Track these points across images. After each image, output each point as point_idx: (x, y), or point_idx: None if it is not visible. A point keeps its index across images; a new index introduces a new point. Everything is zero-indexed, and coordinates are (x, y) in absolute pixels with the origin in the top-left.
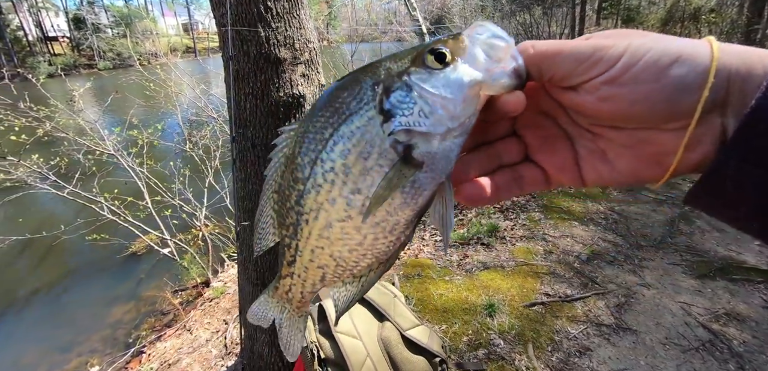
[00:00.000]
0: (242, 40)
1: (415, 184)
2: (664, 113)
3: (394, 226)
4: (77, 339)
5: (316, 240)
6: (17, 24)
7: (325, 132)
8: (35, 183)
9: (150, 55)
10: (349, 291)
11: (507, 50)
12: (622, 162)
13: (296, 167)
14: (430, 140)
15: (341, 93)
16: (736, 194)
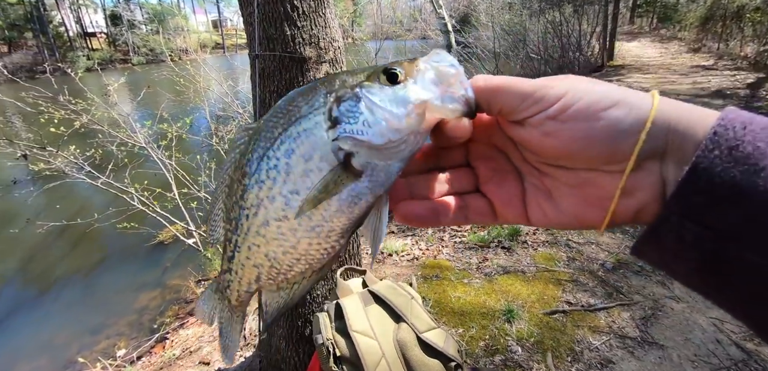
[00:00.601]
0: (268, 38)
1: (352, 192)
2: (603, 153)
3: (329, 233)
4: (106, 322)
5: (253, 237)
6: (59, 20)
7: (275, 131)
8: (72, 173)
9: (181, 51)
10: (281, 297)
11: (456, 78)
12: (566, 202)
13: (246, 162)
14: (371, 150)
15: (297, 97)
16: (678, 249)
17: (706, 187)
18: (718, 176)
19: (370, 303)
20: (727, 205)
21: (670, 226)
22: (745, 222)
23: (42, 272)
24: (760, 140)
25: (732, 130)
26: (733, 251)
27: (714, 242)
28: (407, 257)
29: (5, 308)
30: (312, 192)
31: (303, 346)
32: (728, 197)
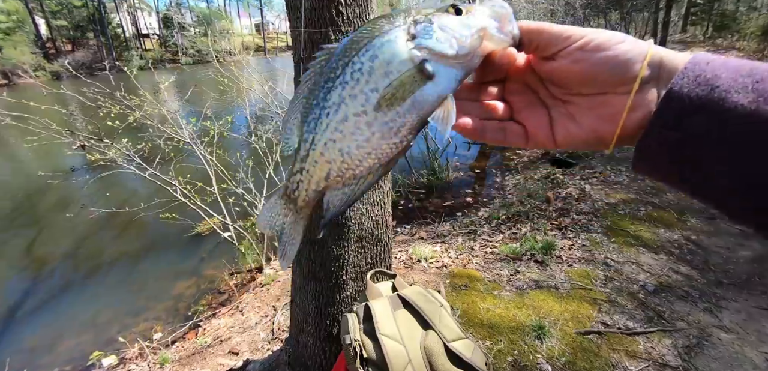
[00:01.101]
0: (313, 42)
1: (423, 92)
2: (616, 76)
3: (400, 128)
4: (146, 305)
5: (331, 133)
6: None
7: (360, 43)
8: (123, 164)
9: (225, 52)
10: (345, 192)
11: (508, 16)
12: (585, 121)
13: (331, 69)
14: (442, 58)
15: (378, 20)
16: (662, 153)
17: (678, 104)
18: (686, 96)
19: (399, 307)
20: (694, 114)
21: (654, 135)
22: (707, 123)
23: (91, 254)
24: (717, 70)
25: (698, 65)
26: (701, 146)
27: (689, 143)
28: (436, 265)
29: (58, 285)
30: (390, 89)
31: (330, 345)
32: (695, 109)
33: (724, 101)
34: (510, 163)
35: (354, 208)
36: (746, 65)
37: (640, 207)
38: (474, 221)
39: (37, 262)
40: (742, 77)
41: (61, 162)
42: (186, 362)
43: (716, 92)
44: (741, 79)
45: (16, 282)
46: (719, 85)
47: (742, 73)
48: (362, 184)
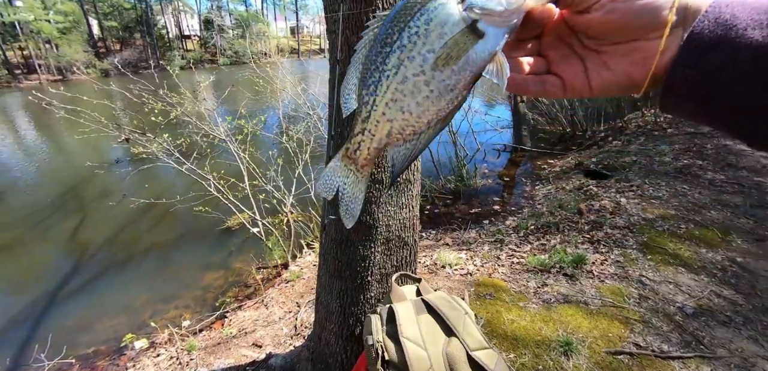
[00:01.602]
0: (349, 46)
1: (476, 49)
2: (648, 22)
3: (456, 84)
4: (176, 293)
5: (392, 93)
6: (162, 24)
7: (414, 9)
8: (163, 158)
9: (261, 54)
10: (407, 148)
11: None
12: (619, 67)
13: (387, 35)
14: (492, 16)
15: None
16: (685, 89)
17: (698, 44)
18: (706, 36)
19: (423, 311)
20: (713, 52)
21: (677, 73)
22: (725, 60)
23: (129, 241)
24: (735, 9)
25: (718, 7)
26: (716, 81)
27: (707, 78)
28: (461, 272)
29: (98, 269)
30: (445, 49)
31: (352, 345)
32: (713, 47)
33: (740, 38)
34: (541, 172)
35: (382, 209)
36: (765, 3)
37: (680, 224)
38: (501, 230)
39: (81, 246)
40: (758, 14)
41: (107, 154)
42: (211, 351)
43: (733, 31)
44: (758, 17)
45: (61, 263)
46: (737, 25)
47: (759, 11)
48: (423, 138)
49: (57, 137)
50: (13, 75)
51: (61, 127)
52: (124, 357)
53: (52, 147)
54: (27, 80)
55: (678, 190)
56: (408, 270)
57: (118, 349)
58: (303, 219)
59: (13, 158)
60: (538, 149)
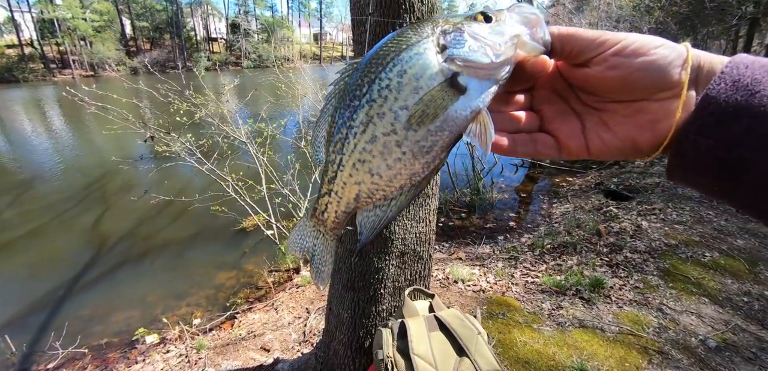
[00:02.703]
0: None
1: (456, 107)
2: (656, 82)
3: (432, 145)
4: (189, 291)
5: (359, 153)
6: (191, 26)
7: (386, 58)
8: (185, 157)
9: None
10: (377, 214)
11: (538, 22)
12: (622, 130)
13: (356, 86)
14: (476, 69)
15: (405, 31)
16: (696, 160)
17: (715, 109)
18: (723, 101)
19: (435, 329)
20: (732, 121)
21: (689, 142)
22: (746, 131)
23: (146, 236)
24: (757, 73)
25: (736, 68)
26: (737, 153)
27: (725, 150)
28: (473, 288)
29: (115, 261)
30: (420, 105)
31: (361, 357)
32: (733, 115)
33: (764, 107)
34: (559, 189)
35: (398, 223)
36: None
37: (704, 252)
38: (516, 247)
39: (101, 237)
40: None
41: (131, 150)
42: (220, 351)
43: (757, 97)
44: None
45: (81, 253)
46: (760, 90)
47: None
48: (394, 205)
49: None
50: (49, 69)
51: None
52: (134, 351)
53: (80, 140)
54: (61, 74)
55: (703, 215)
56: (421, 285)
57: (130, 342)
58: None
59: (43, 148)
60: (557, 165)
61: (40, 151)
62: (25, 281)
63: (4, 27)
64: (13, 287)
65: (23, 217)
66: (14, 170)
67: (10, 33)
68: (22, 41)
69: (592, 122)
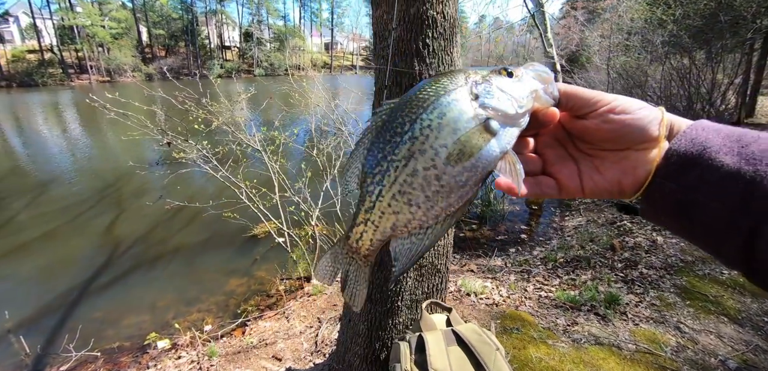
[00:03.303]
0: (397, 72)
1: (488, 147)
2: (638, 135)
3: (467, 180)
4: (200, 296)
5: (399, 185)
6: (205, 34)
7: (427, 101)
8: (200, 163)
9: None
10: (413, 243)
11: (550, 79)
12: (610, 173)
13: (397, 124)
14: (505, 116)
15: (440, 78)
16: (663, 201)
17: (676, 160)
18: (683, 154)
19: (453, 343)
20: (690, 169)
21: (656, 185)
22: (699, 179)
23: (159, 241)
24: (710, 134)
25: (695, 129)
26: (692, 196)
27: (682, 193)
28: (486, 301)
29: (128, 265)
30: (458, 145)
31: (376, 369)
32: (690, 165)
33: (712, 160)
34: (570, 202)
35: None
36: (736, 131)
37: (722, 270)
38: (528, 260)
39: (114, 241)
40: (730, 142)
41: (145, 155)
42: (231, 358)
43: (707, 152)
44: (729, 144)
45: (95, 256)
46: (711, 147)
47: (731, 139)
48: (430, 234)
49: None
50: (67, 74)
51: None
52: (146, 356)
53: (95, 143)
54: (78, 79)
55: None
56: (438, 298)
57: (142, 347)
58: (328, 233)
59: (59, 151)
60: None
61: (56, 154)
62: (40, 283)
63: (26, 33)
64: (28, 289)
65: (39, 219)
66: (31, 172)
67: (32, 39)
68: (43, 47)
69: (586, 166)
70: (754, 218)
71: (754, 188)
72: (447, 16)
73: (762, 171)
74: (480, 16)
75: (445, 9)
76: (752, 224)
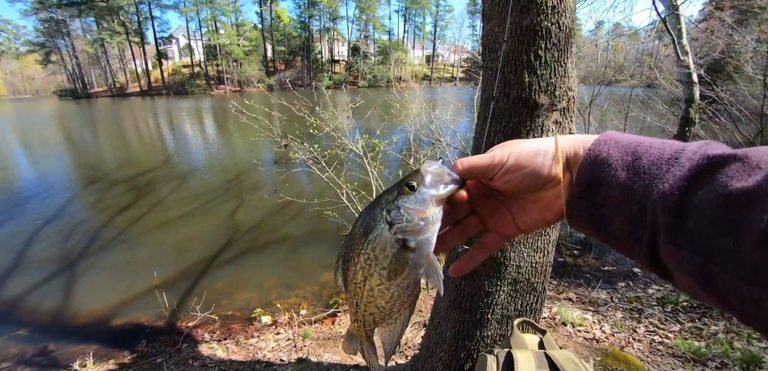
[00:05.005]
0: (505, 83)
1: (413, 260)
2: (538, 184)
3: (408, 285)
4: (298, 283)
5: (367, 298)
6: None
7: (363, 239)
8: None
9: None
10: (390, 329)
11: (444, 172)
12: (533, 212)
13: (351, 257)
14: (415, 232)
15: (366, 215)
16: (581, 216)
17: (585, 180)
18: (589, 174)
19: (544, 367)
20: (597, 187)
21: (574, 204)
22: (605, 196)
23: (269, 230)
24: (610, 149)
25: (598, 145)
26: (601, 212)
27: (594, 208)
28: (585, 335)
29: (243, 247)
30: (391, 265)
31: None
32: (595, 184)
33: (611, 178)
34: None
35: (515, 249)
36: (634, 142)
37: None
38: (640, 298)
39: (234, 226)
40: (626, 155)
41: (262, 154)
42: (322, 343)
43: (606, 171)
44: (625, 158)
45: (219, 236)
46: (610, 164)
47: (628, 151)
48: (399, 321)
49: (228, 135)
50: (209, 84)
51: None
52: (252, 327)
53: (223, 143)
54: (217, 89)
55: None
56: (532, 318)
57: (249, 318)
58: None
59: (197, 148)
60: None
61: (195, 150)
62: (178, 252)
63: (182, 51)
64: (170, 256)
65: (180, 202)
66: (178, 163)
67: (186, 56)
68: (193, 62)
69: (516, 208)
70: (650, 231)
71: (645, 203)
72: (562, 26)
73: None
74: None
75: (561, 19)
76: (650, 237)
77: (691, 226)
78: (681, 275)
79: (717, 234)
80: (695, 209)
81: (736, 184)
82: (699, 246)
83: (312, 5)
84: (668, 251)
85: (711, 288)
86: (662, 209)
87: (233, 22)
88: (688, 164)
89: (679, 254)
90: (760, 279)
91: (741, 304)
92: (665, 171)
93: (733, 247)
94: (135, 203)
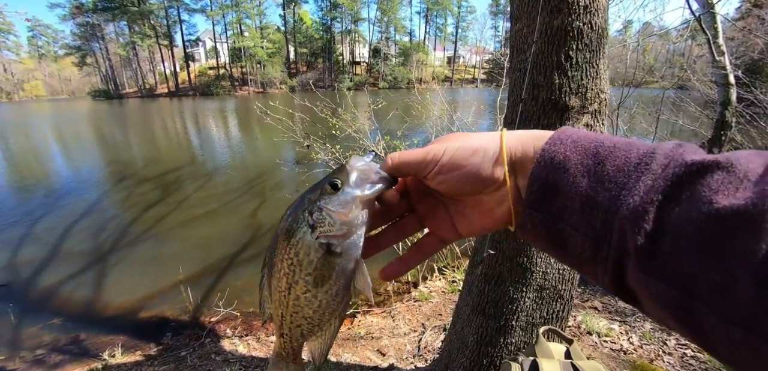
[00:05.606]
0: (534, 85)
1: (340, 265)
2: (476, 185)
3: (337, 292)
4: None
5: (292, 307)
6: (340, 52)
7: (286, 243)
8: (332, 165)
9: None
10: (319, 342)
11: (372, 170)
12: (472, 217)
13: (275, 263)
14: (338, 237)
15: (288, 218)
16: (533, 228)
17: (538, 188)
18: (544, 181)
19: None
20: (553, 197)
21: (526, 215)
22: (562, 208)
23: None
24: (568, 150)
25: (554, 145)
26: (558, 226)
27: (549, 220)
28: (612, 345)
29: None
30: (316, 271)
31: None
32: (552, 192)
33: (570, 185)
34: None
35: (541, 255)
36: (593, 142)
37: None
38: None
39: (256, 224)
40: (586, 158)
41: (283, 155)
42: (341, 343)
43: (562, 177)
44: (586, 162)
45: (241, 235)
46: (569, 169)
47: (588, 153)
48: (328, 331)
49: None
50: (233, 86)
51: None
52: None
53: (246, 143)
54: (241, 90)
55: None
56: (558, 326)
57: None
58: None
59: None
60: None
61: (219, 149)
62: (202, 249)
63: (208, 53)
64: (194, 252)
65: (204, 200)
66: (202, 162)
67: (212, 58)
68: (219, 64)
69: (454, 210)
70: (616, 253)
71: (611, 219)
72: (594, 26)
73: (618, 198)
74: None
75: (594, 19)
76: (615, 259)
77: (666, 250)
78: (653, 306)
79: (699, 263)
80: (672, 229)
81: (722, 200)
82: (676, 276)
83: (334, 7)
84: (638, 279)
85: (691, 326)
86: (631, 228)
87: (257, 25)
88: (661, 171)
89: (652, 285)
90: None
91: (730, 350)
92: (634, 180)
93: (722, 282)
94: (162, 200)
